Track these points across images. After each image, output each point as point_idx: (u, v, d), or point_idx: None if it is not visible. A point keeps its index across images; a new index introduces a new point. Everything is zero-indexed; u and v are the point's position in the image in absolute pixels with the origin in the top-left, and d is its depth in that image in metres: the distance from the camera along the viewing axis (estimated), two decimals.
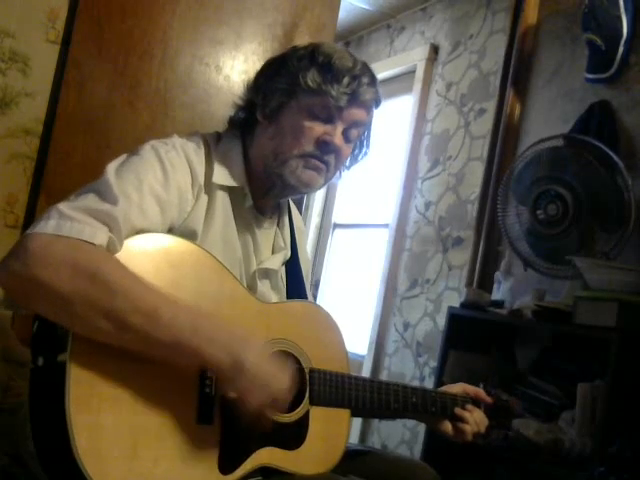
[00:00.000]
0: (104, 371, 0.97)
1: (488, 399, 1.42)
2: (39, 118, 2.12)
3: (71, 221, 0.98)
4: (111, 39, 2.18)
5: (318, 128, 1.23)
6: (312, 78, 1.22)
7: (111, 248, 1.01)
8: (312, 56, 1.24)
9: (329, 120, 1.24)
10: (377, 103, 1.30)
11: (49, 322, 0.97)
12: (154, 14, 2.24)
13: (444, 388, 1.43)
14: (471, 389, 1.42)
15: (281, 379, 1.06)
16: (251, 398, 1.03)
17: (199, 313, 1.02)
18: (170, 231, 1.15)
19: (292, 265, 1.38)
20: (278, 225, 1.37)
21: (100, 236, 0.99)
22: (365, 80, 1.24)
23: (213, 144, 1.26)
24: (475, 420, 1.36)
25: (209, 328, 1.01)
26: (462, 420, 1.35)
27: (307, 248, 1.50)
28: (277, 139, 1.25)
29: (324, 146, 1.24)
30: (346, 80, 1.22)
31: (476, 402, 1.40)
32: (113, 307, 0.95)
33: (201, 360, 1.02)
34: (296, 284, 1.37)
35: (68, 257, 0.95)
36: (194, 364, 1.03)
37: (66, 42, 2.13)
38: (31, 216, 2.07)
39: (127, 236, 1.04)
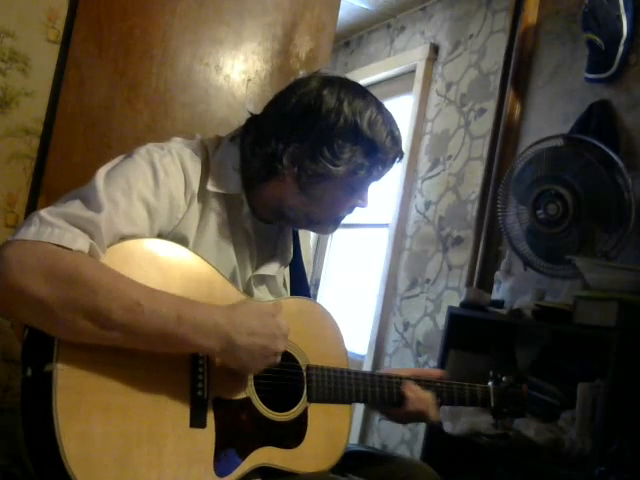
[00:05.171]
0: (93, 379, 0.96)
1: (436, 372, 1.45)
2: (39, 118, 2.12)
3: (52, 227, 0.97)
4: (111, 39, 2.17)
5: (354, 199, 1.27)
6: (362, 171, 1.22)
7: (93, 254, 0.99)
8: (356, 131, 1.19)
9: (365, 189, 1.28)
10: None
11: (36, 332, 0.96)
12: (154, 14, 2.24)
13: (390, 371, 1.40)
14: (418, 370, 1.45)
15: (275, 340, 1.09)
16: (253, 368, 1.09)
17: (182, 301, 1.02)
18: (159, 237, 1.13)
19: (296, 267, 1.37)
20: (279, 229, 1.35)
21: (80, 242, 0.98)
22: (401, 153, 1.28)
23: (212, 150, 1.24)
24: (418, 397, 1.34)
25: (193, 315, 1.01)
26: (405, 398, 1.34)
27: (310, 247, 1.50)
28: (310, 207, 1.24)
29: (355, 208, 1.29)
30: (390, 163, 1.26)
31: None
32: (94, 306, 0.94)
33: (190, 348, 1.03)
34: (299, 286, 1.37)
35: (46, 262, 0.93)
36: (184, 352, 1.03)
37: (66, 42, 2.13)
38: None
39: (112, 242, 1.03)
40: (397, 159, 1.27)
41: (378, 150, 1.21)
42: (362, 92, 1.23)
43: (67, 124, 2.12)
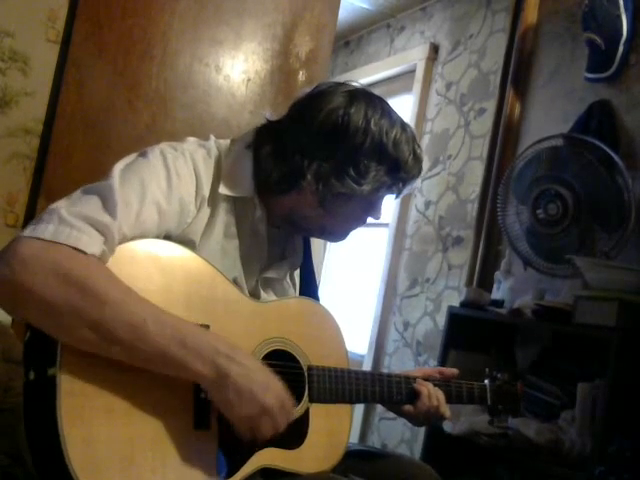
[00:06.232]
0: (96, 382, 0.96)
1: (453, 371, 1.43)
2: (39, 118, 2.12)
3: (70, 228, 0.97)
4: (111, 39, 2.17)
5: (370, 213, 1.30)
6: (383, 189, 1.23)
7: (104, 259, 1.00)
8: (381, 151, 1.20)
9: (381, 203, 1.30)
10: None
11: (39, 334, 0.96)
12: (154, 14, 2.24)
13: (402, 373, 1.39)
14: (429, 370, 1.43)
15: (270, 390, 1.04)
16: (237, 410, 1.01)
17: (186, 326, 1.01)
18: (166, 238, 1.13)
19: (306, 270, 1.37)
20: (288, 233, 1.34)
21: (95, 246, 0.98)
22: (421, 170, 1.29)
23: (225, 153, 1.24)
24: (431, 394, 1.33)
25: (195, 341, 1.00)
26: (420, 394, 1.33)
27: (320, 249, 1.51)
28: (326, 219, 1.25)
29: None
30: (411, 180, 1.27)
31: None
32: (100, 318, 0.94)
33: (186, 373, 1.00)
34: (308, 289, 1.37)
35: (60, 265, 0.94)
36: (179, 377, 1.02)
37: (66, 42, 2.13)
38: (31, 216, 2.07)
39: (120, 242, 1.03)
40: (417, 176, 1.27)
41: (401, 169, 1.22)
42: (387, 109, 1.23)
43: (67, 124, 2.12)
